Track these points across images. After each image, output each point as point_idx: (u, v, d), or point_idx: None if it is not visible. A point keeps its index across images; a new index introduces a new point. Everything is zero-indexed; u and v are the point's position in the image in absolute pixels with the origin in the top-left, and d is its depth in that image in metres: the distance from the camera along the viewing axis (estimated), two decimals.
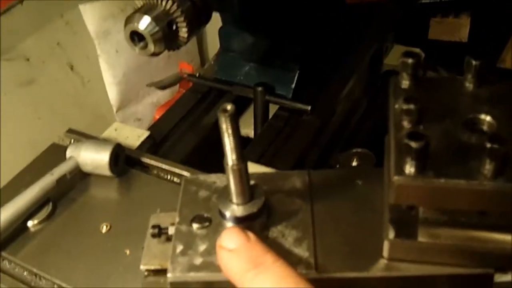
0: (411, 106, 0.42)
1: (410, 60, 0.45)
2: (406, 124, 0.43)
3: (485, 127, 0.43)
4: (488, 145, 0.37)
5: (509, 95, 0.45)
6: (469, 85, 0.46)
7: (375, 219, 0.47)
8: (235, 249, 0.43)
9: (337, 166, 0.71)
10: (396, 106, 0.44)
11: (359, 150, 0.73)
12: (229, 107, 0.41)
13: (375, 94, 1.03)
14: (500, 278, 0.45)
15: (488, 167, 0.38)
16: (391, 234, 0.44)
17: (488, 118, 0.43)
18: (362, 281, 0.45)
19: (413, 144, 0.38)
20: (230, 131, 0.42)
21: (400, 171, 0.40)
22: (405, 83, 0.46)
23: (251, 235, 0.44)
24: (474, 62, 0.45)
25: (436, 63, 1.20)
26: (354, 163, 0.71)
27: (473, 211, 0.42)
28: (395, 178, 0.40)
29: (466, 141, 0.42)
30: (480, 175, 0.39)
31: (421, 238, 0.43)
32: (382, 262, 0.45)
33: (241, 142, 0.44)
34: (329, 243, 0.46)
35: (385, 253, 0.44)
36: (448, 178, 0.39)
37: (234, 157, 0.44)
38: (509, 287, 0.46)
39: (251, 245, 0.43)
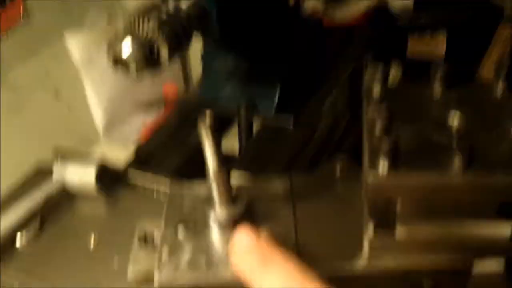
0: (382, 112, 0.44)
1: (379, 69, 0.48)
2: (378, 128, 0.45)
3: (454, 126, 0.45)
4: (456, 140, 0.40)
5: (476, 94, 0.47)
6: (437, 90, 0.48)
7: (356, 218, 0.48)
8: (246, 248, 0.43)
9: None
10: (369, 112, 0.46)
11: (343, 157, 0.75)
12: (208, 114, 0.43)
13: (357, 107, 1.05)
14: (478, 268, 0.46)
15: (457, 160, 0.40)
16: (371, 228, 0.45)
17: (456, 117, 0.45)
18: (346, 272, 0.46)
19: (385, 142, 0.40)
20: (210, 138, 0.44)
21: (373, 168, 0.41)
22: (376, 91, 0.49)
23: (262, 234, 0.44)
24: (439, 67, 0.47)
25: (415, 81, 1.23)
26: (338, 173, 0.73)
27: (447, 204, 0.44)
28: (369, 175, 0.41)
29: (436, 139, 0.44)
30: (450, 168, 0.41)
31: (399, 229, 0.45)
32: (363, 257, 0.46)
33: (221, 150, 0.46)
34: (311, 244, 0.48)
35: (366, 247, 0.46)
36: (420, 172, 0.41)
37: (215, 162, 0.45)
38: (487, 277, 0.47)
39: (261, 243, 0.43)
